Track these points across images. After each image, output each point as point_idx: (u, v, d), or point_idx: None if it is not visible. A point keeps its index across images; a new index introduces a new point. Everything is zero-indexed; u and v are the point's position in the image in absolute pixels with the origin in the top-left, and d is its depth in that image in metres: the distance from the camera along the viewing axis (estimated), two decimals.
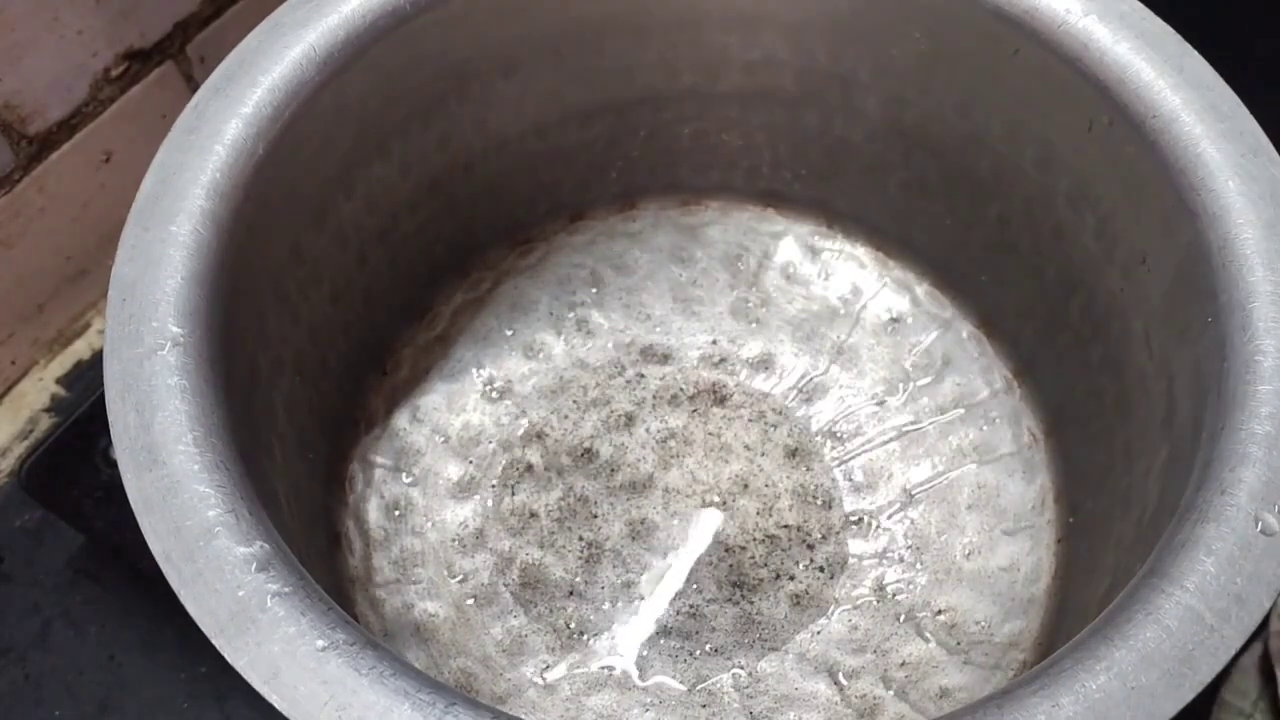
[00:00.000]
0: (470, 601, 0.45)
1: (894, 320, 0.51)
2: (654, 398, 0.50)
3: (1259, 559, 0.30)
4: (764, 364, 0.51)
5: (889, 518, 0.47)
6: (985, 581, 0.45)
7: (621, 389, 0.50)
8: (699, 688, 0.43)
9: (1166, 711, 0.28)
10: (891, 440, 0.49)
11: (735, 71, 0.48)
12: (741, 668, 0.44)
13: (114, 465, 0.31)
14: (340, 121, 0.41)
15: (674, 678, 0.43)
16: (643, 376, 0.50)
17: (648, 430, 0.49)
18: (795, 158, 0.51)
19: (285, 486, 0.40)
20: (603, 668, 0.44)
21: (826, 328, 0.51)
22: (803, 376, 0.50)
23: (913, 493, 0.47)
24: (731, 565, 0.46)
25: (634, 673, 0.44)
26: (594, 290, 0.52)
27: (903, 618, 0.45)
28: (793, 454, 0.48)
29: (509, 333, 0.51)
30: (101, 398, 0.32)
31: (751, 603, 0.45)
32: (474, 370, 0.50)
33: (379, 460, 0.48)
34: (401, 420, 0.49)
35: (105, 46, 0.50)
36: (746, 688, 0.43)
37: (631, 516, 0.47)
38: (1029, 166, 0.44)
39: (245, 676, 0.28)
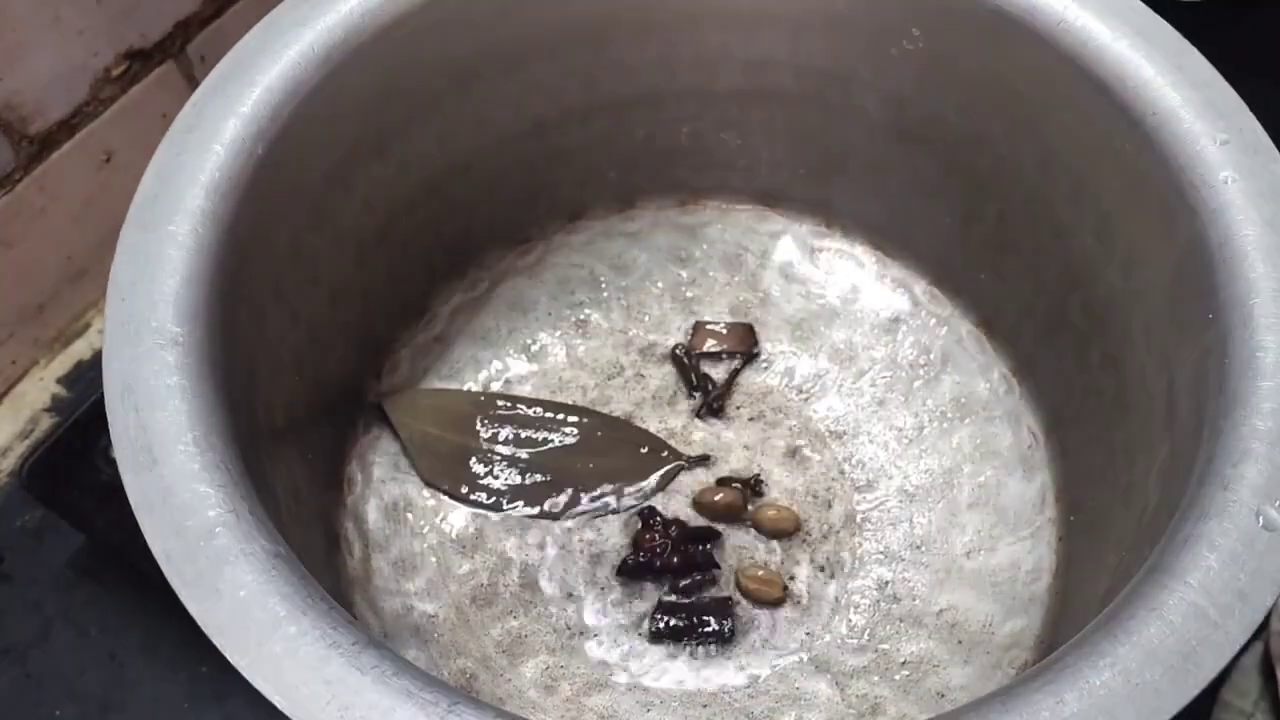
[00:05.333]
0: (470, 602, 0.45)
1: (893, 319, 0.51)
2: (653, 398, 0.50)
3: (1262, 554, 0.30)
4: (764, 364, 0.50)
5: (889, 517, 0.47)
6: (986, 580, 0.45)
7: (621, 389, 0.50)
8: (699, 688, 0.43)
9: (1170, 707, 0.28)
10: (891, 439, 0.49)
11: (734, 71, 0.48)
12: (742, 668, 0.44)
13: (114, 465, 0.31)
14: (339, 121, 0.41)
15: (674, 678, 0.43)
16: (642, 376, 0.50)
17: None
18: (794, 157, 0.51)
19: (285, 486, 0.40)
20: (603, 668, 0.44)
21: (826, 327, 0.51)
22: (802, 376, 0.50)
23: (913, 492, 0.47)
24: (732, 565, 0.46)
25: (634, 673, 0.43)
26: (593, 290, 0.52)
27: (903, 617, 0.45)
28: (792, 454, 0.48)
29: (508, 333, 0.51)
30: (101, 398, 0.32)
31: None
32: (473, 370, 0.50)
33: (379, 461, 0.48)
34: None
35: (106, 46, 0.50)
36: (747, 688, 0.43)
37: (632, 516, 0.47)
38: (1029, 166, 0.44)
39: (246, 676, 0.28)
